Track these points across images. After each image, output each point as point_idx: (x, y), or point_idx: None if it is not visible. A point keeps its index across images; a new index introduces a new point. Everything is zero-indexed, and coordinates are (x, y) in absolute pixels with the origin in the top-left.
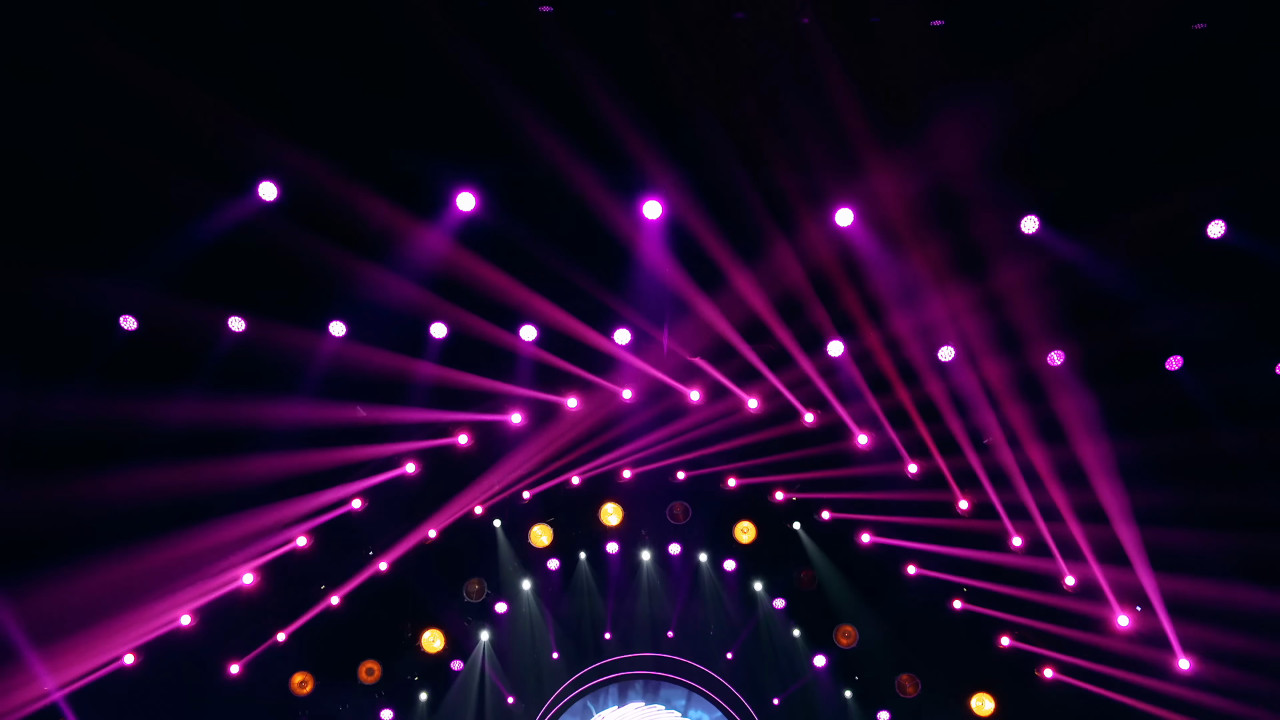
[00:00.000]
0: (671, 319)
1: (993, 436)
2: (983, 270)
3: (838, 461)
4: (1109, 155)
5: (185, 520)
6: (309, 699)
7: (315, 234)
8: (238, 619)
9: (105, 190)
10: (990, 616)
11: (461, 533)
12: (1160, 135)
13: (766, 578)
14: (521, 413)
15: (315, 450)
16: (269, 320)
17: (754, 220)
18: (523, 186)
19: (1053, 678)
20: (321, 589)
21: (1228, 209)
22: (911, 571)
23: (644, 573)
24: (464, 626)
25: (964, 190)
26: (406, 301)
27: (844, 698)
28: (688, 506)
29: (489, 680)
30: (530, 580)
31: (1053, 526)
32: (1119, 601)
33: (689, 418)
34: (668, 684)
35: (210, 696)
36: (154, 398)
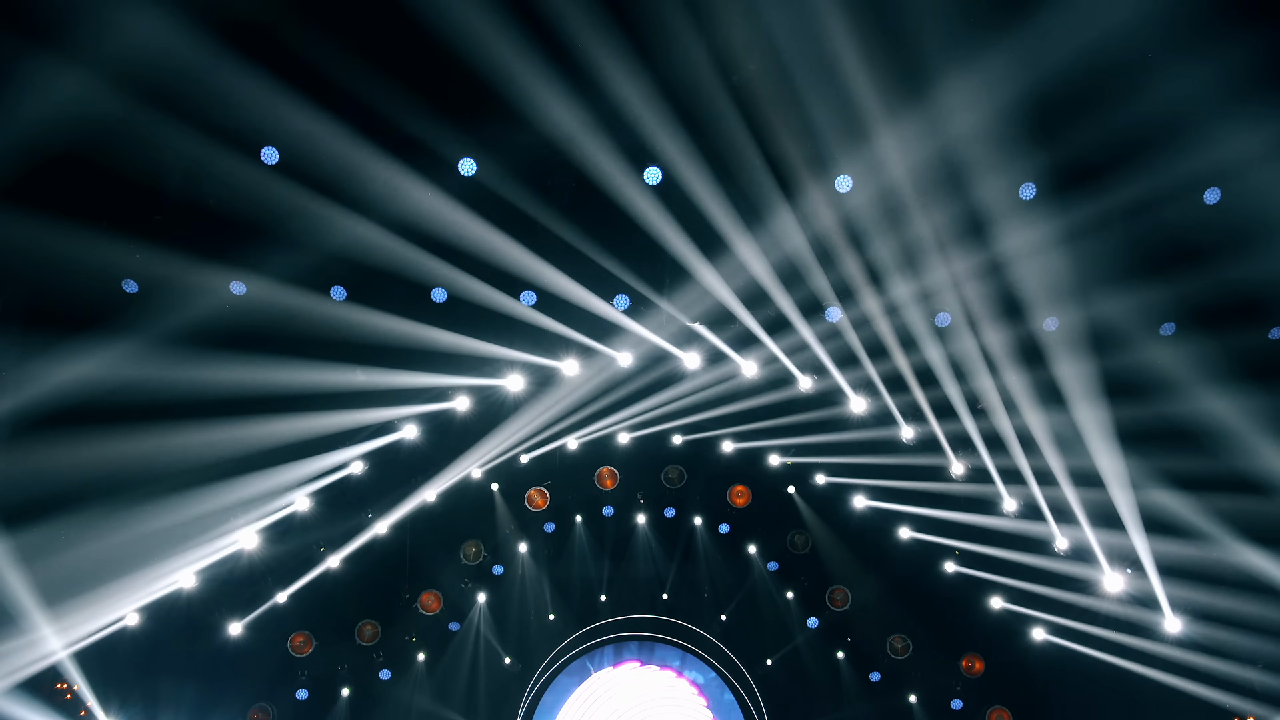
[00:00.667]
0: (671, 284)
1: (986, 402)
2: (985, 236)
3: (833, 426)
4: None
5: (189, 481)
6: (308, 659)
7: (316, 196)
8: (238, 580)
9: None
10: (982, 579)
11: (459, 496)
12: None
13: (761, 541)
14: (520, 377)
15: (315, 414)
16: (270, 283)
17: (756, 185)
18: (524, 151)
19: (1042, 639)
20: (320, 550)
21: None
22: (905, 535)
23: (639, 536)
24: (461, 588)
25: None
26: (407, 265)
27: (836, 658)
28: (683, 470)
29: (486, 641)
30: (527, 543)
31: (1046, 490)
32: (1109, 564)
33: (686, 383)
34: (662, 645)
35: (211, 656)
36: (156, 360)
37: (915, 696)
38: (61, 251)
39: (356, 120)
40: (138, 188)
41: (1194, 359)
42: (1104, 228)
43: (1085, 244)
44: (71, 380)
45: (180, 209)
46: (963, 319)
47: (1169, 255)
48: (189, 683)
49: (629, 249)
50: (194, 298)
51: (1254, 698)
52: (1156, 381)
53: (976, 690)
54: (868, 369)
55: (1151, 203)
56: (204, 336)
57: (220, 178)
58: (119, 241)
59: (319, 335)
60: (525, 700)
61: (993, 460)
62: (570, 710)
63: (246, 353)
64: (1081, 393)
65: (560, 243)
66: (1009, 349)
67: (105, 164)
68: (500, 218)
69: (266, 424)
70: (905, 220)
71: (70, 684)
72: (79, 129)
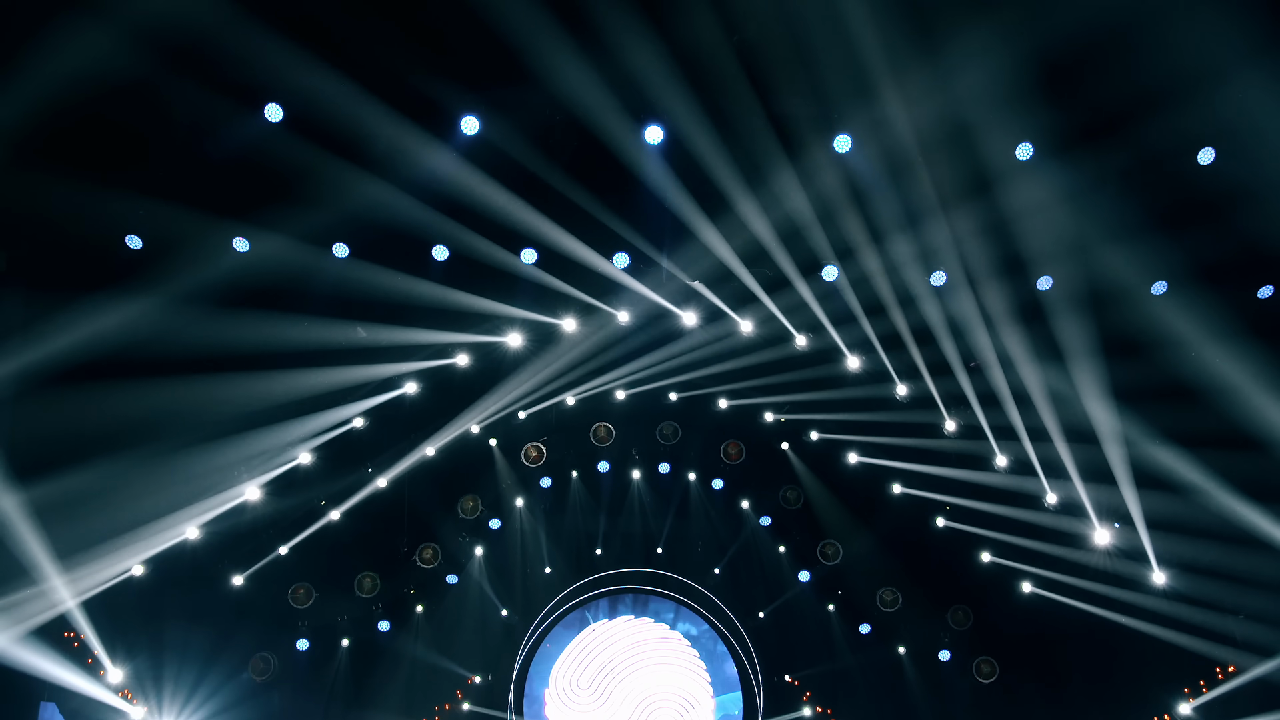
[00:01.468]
0: (671, 243)
1: (979, 360)
2: (987, 194)
3: (828, 384)
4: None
5: (193, 437)
6: (309, 610)
7: (321, 153)
8: (241, 533)
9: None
10: (971, 533)
11: (458, 451)
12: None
13: (754, 496)
14: (519, 334)
15: (317, 370)
16: (273, 239)
17: (757, 144)
18: (527, 109)
19: (1030, 592)
20: (322, 504)
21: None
22: (896, 490)
23: (634, 491)
24: (459, 542)
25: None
26: (409, 222)
27: (827, 611)
28: (677, 426)
29: (483, 593)
30: (524, 498)
31: (1037, 446)
32: (1098, 518)
33: (683, 340)
34: (657, 598)
35: (215, 607)
36: (161, 318)
37: (904, 648)
38: (69, 209)
39: (361, 78)
40: (146, 144)
41: (1191, 315)
42: (1109, 185)
43: (1088, 201)
44: (76, 338)
45: (187, 166)
46: (961, 278)
47: (1172, 213)
48: (193, 632)
49: (630, 207)
50: (198, 255)
51: (1235, 647)
52: (1151, 338)
53: (964, 641)
54: (864, 327)
55: (1157, 160)
56: (208, 294)
57: (227, 134)
58: (125, 198)
59: (322, 292)
60: (522, 651)
61: (985, 417)
62: (566, 661)
63: (249, 310)
64: (1075, 349)
65: (561, 201)
66: (1005, 307)
67: (113, 120)
68: (502, 175)
69: (269, 380)
70: (907, 179)
71: (78, 633)
72: (95, 87)
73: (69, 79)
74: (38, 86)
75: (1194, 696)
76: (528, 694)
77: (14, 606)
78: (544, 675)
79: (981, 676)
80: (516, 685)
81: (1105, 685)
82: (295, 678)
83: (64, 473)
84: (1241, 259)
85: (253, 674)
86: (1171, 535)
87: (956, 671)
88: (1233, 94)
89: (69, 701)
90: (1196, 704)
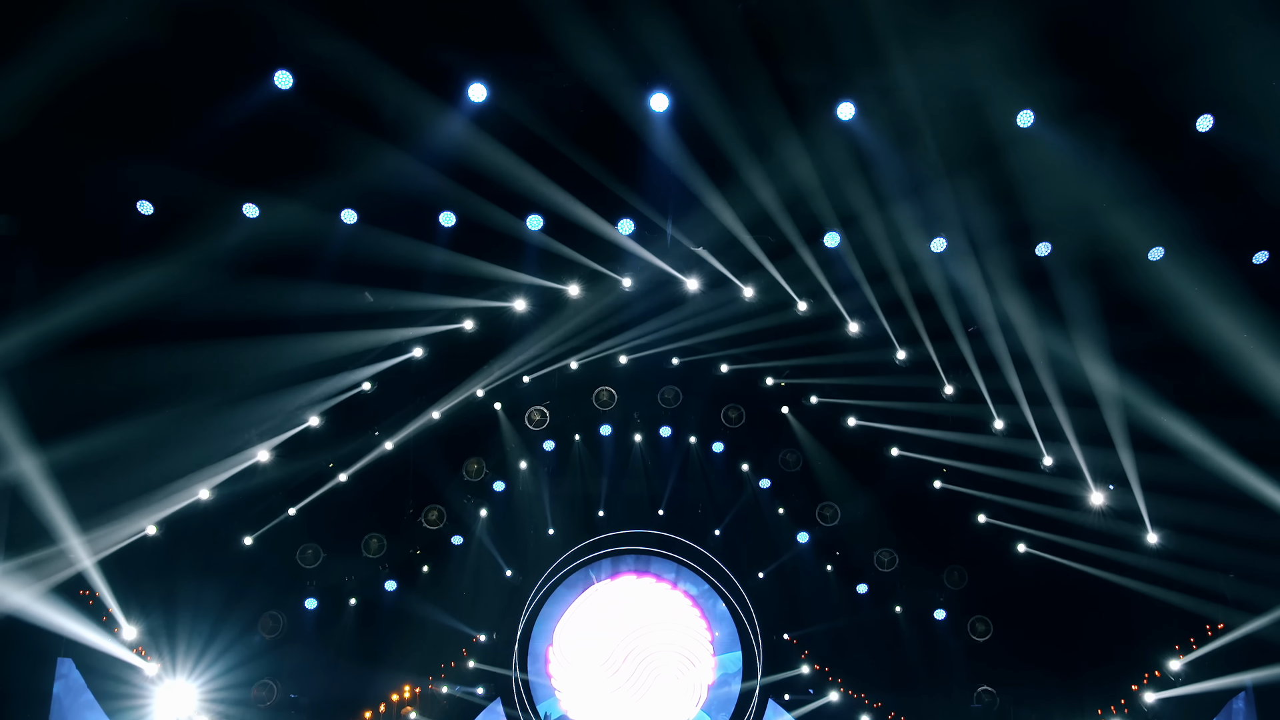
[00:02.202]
0: (676, 209)
1: (978, 324)
2: (990, 161)
3: (829, 349)
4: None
5: (206, 401)
6: (317, 570)
7: (329, 120)
8: (252, 495)
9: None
10: (968, 494)
11: (463, 415)
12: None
13: (753, 459)
14: (524, 300)
15: (325, 335)
16: (282, 206)
17: (763, 111)
18: (534, 75)
19: (1024, 551)
20: (330, 467)
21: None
22: (894, 453)
23: (636, 454)
24: (464, 504)
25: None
26: (417, 188)
27: (825, 571)
28: (679, 391)
29: (488, 554)
30: (528, 460)
31: (1035, 410)
32: (1094, 480)
33: (686, 305)
34: (658, 558)
35: (226, 566)
36: (174, 282)
37: (900, 607)
38: (79, 175)
39: (370, 44)
40: (154, 111)
41: (1190, 279)
42: (1112, 151)
43: (1092, 167)
44: (89, 304)
45: (196, 132)
46: (963, 243)
47: (1175, 178)
48: (205, 591)
49: (635, 174)
50: (208, 221)
51: (1226, 605)
52: (1149, 302)
53: (959, 601)
54: (866, 293)
55: (1160, 126)
56: (219, 260)
57: (237, 101)
58: (135, 164)
59: (330, 258)
60: (526, 610)
61: (984, 381)
62: (569, 620)
63: (259, 276)
64: (1074, 313)
65: (567, 167)
66: (1005, 272)
67: (124, 86)
68: (509, 141)
69: (279, 345)
70: (912, 145)
71: (94, 591)
72: (107, 53)
73: (81, 44)
74: (51, 53)
75: (1184, 653)
76: (531, 651)
77: (33, 565)
78: (547, 633)
79: (976, 635)
80: (520, 643)
81: (1097, 643)
82: (304, 636)
83: (81, 436)
84: (1243, 224)
85: (262, 632)
86: (1165, 496)
87: (951, 630)
88: (1236, 59)
89: (85, 657)
90: (1186, 660)
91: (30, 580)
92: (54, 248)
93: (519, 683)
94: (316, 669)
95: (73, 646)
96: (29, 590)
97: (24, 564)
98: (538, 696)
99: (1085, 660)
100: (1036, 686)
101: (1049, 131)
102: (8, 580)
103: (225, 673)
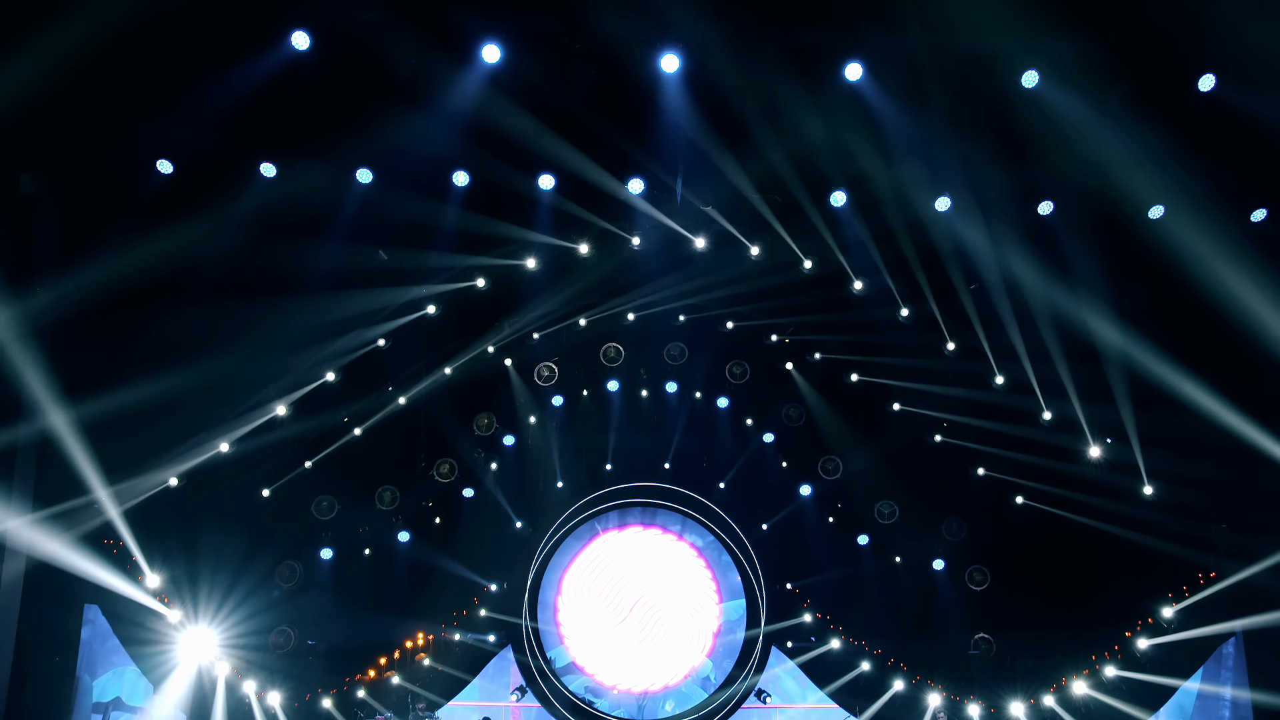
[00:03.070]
0: (686, 169)
1: (981, 281)
2: (997, 122)
3: (833, 306)
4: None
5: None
6: (332, 521)
7: (346, 81)
8: (269, 448)
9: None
10: (967, 448)
11: (475, 371)
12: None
13: (757, 414)
14: (535, 258)
15: (341, 293)
16: (298, 166)
17: (774, 71)
18: (547, 38)
19: (1022, 503)
20: (345, 421)
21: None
22: (896, 408)
23: (643, 409)
24: (475, 457)
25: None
26: (431, 148)
27: (827, 523)
28: (685, 347)
29: (498, 506)
30: (537, 415)
31: (1036, 366)
32: (1092, 434)
33: (694, 264)
34: (664, 510)
35: (244, 517)
36: (191, 239)
37: (900, 558)
38: (99, 135)
39: (386, 4)
40: (178, 71)
41: (1192, 237)
42: (1118, 111)
43: (1098, 128)
44: (112, 262)
45: (216, 90)
46: (968, 202)
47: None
48: (224, 542)
49: (646, 133)
50: (226, 181)
51: (1218, 555)
52: (1151, 259)
53: (958, 551)
54: (871, 251)
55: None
56: (237, 219)
57: (257, 63)
58: (158, 123)
59: (345, 216)
60: (535, 561)
61: (986, 337)
62: (577, 570)
63: (277, 234)
64: (1076, 270)
65: (579, 126)
66: (1009, 230)
67: (147, 47)
68: (522, 102)
69: (295, 303)
70: (922, 106)
71: (119, 540)
72: (131, 15)
73: (102, 5)
74: (73, 14)
75: (1176, 601)
76: (541, 601)
77: (62, 516)
78: (556, 583)
79: (973, 584)
80: (530, 593)
81: (1091, 591)
82: (320, 585)
83: (107, 393)
84: (1244, 182)
85: (279, 581)
86: (1162, 448)
87: (950, 580)
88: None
89: (111, 604)
90: (1179, 608)
91: (59, 530)
92: (76, 206)
93: (529, 631)
94: (332, 617)
95: (99, 594)
96: (58, 539)
97: (53, 514)
98: (547, 644)
99: (1080, 608)
100: (1032, 633)
101: (1055, 91)
102: (38, 530)
103: (244, 620)
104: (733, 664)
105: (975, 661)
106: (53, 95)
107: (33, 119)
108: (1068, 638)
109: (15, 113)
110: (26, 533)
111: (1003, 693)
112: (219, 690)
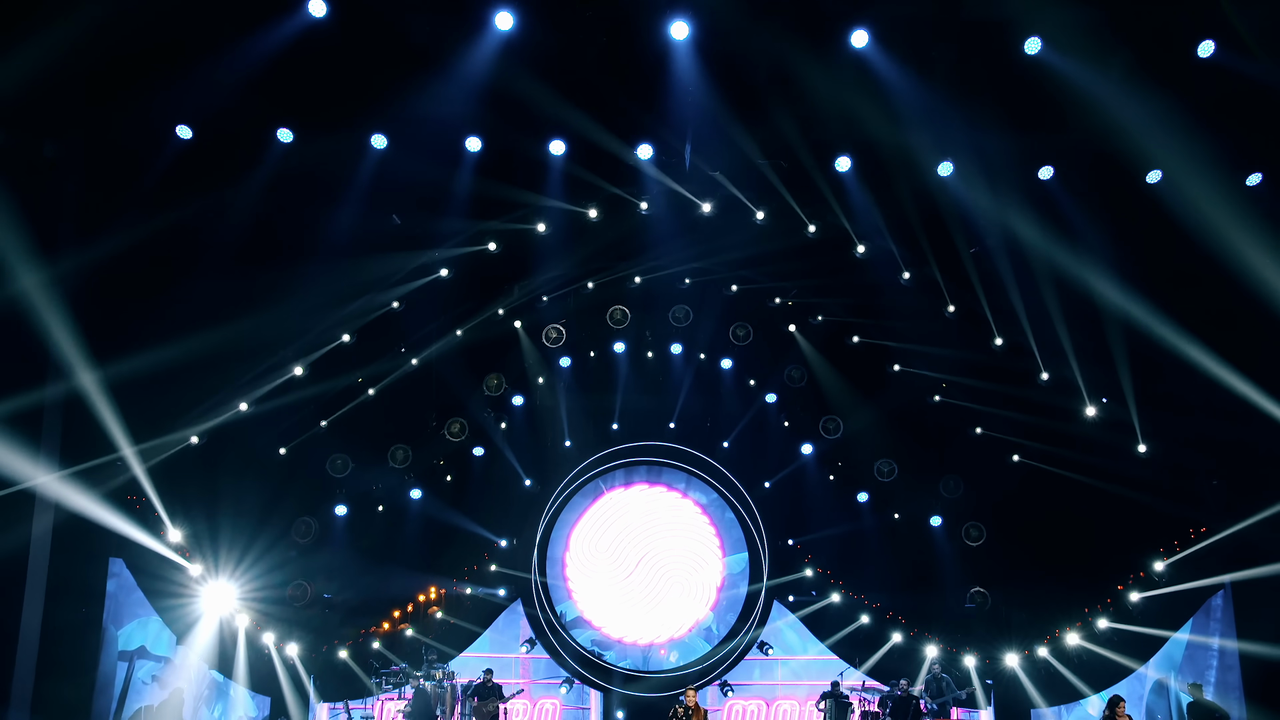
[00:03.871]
0: (694, 134)
1: (981, 245)
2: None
3: (836, 270)
4: None
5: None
6: (346, 478)
7: (361, 48)
8: (287, 409)
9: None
10: (965, 407)
11: (484, 333)
12: None
13: (760, 375)
14: (545, 222)
15: (357, 257)
16: (314, 132)
17: (781, 38)
18: (559, 4)
19: (1018, 460)
20: (359, 382)
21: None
22: (896, 369)
23: (648, 370)
24: (485, 417)
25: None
26: (445, 114)
27: (828, 480)
28: (689, 310)
29: (508, 464)
30: (545, 376)
31: (1035, 327)
32: (1089, 394)
33: (700, 228)
34: (669, 469)
35: (262, 474)
36: (207, 206)
37: (899, 514)
38: (120, 102)
39: None
40: (197, 39)
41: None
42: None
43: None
44: (135, 228)
45: (235, 60)
46: (972, 167)
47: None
48: (243, 498)
49: (656, 100)
50: (246, 148)
51: (1207, 510)
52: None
53: (955, 508)
54: (874, 215)
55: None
56: (255, 185)
57: (274, 30)
58: (177, 91)
59: (360, 182)
60: (544, 517)
61: (985, 299)
62: (585, 526)
63: (294, 199)
64: (1076, 233)
65: (590, 94)
66: (1011, 195)
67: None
68: (534, 69)
69: (311, 267)
70: (930, 74)
71: (142, 496)
72: None
73: None
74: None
75: (1168, 555)
76: (549, 556)
77: (89, 473)
78: (564, 539)
79: (970, 540)
80: (539, 548)
81: (1085, 546)
82: (335, 540)
83: (133, 353)
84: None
85: (296, 536)
86: (1156, 407)
87: (947, 536)
88: None
89: (135, 558)
90: (1169, 561)
91: (85, 486)
92: (99, 172)
93: (538, 585)
94: (347, 571)
95: (124, 547)
96: (85, 495)
97: (80, 471)
98: (556, 599)
99: (1073, 562)
100: (1027, 587)
101: (1058, 58)
102: (65, 486)
103: (263, 574)
104: (735, 617)
105: (971, 614)
106: (76, 64)
107: (56, 87)
108: (1061, 591)
109: (40, 81)
110: (55, 489)
111: (998, 644)
112: (240, 641)
